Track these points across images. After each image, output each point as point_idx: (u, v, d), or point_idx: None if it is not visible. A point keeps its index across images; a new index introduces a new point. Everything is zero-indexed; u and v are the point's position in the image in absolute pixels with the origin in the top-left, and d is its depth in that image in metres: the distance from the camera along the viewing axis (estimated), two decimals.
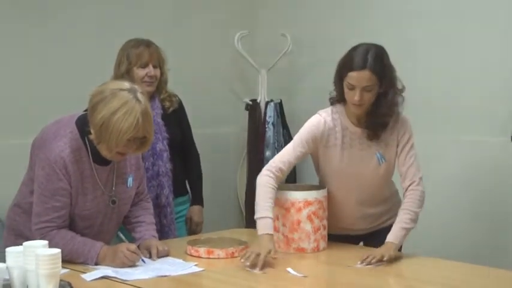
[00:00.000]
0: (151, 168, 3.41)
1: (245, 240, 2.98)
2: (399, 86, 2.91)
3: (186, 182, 3.70)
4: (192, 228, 3.67)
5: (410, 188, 2.91)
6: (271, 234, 2.80)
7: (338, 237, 3.06)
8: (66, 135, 2.67)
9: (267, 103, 4.59)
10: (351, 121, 2.93)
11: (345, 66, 2.83)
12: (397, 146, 2.94)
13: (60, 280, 2.24)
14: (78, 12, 4.01)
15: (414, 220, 2.87)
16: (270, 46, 4.69)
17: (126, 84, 2.64)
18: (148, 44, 3.47)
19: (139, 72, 3.40)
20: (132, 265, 2.66)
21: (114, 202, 2.79)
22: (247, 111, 4.64)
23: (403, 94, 2.93)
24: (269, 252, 2.70)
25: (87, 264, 2.67)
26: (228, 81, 4.79)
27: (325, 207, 2.98)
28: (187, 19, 4.51)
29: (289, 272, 2.62)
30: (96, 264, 2.67)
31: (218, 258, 2.81)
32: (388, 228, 2.90)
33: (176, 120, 3.58)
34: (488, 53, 3.79)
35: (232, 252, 2.84)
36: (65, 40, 3.94)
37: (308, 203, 2.92)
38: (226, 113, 4.73)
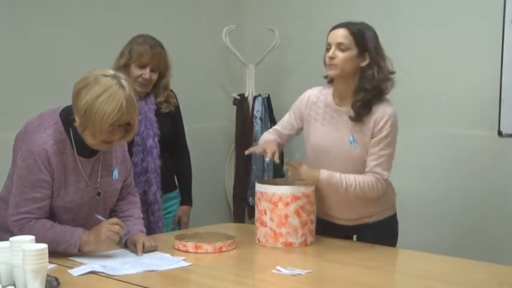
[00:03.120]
0: (140, 164, 3.39)
1: (233, 235, 2.98)
2: (389, 68, 2.89)
3: (175, 177, 3.68)
4: (181, 228, 3.66)
5: (368, 172, 2.87)
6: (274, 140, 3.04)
7: (329, 224, 3.06)
8: (49, 126, 2.66)
9: (254, 98, 4.59)
10: (334, 100, 2.97)
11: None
12: (372, 136, 2.89)
13: (47, 275, 2.23)
14: (63, 8, 3.97)
15: (345, 186, 2.85)
16: (258, 41, 4.69)
17: (109, 71, 2.64)
18: (153, 45, 3.40)
19: (136, 71, 3.36)
20: (118, 239, 2.69)
21: (99, 194, 2.77)
22: (235, 106, 4.64)
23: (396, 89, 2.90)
24: (274, 152, 2.90)
25: (70, 251, 2.65)
26: (215, 76, 4.78)
27: (312, 201, 2.98)
28: (175, 14, 4.50)
29: (279, 271, 2.57)
30: (80, 250, 2.66)
31: (206, 252, 2.81)
32: (380, 222, 2.87)
33: (169, 118, 3.53)
34: (476, 46, 3.80)
35: (220, 247, 2.84)
36: (48, 35, 3.91)
37: (295, 198, 2.92)
38: (214, 108, 4.73)
